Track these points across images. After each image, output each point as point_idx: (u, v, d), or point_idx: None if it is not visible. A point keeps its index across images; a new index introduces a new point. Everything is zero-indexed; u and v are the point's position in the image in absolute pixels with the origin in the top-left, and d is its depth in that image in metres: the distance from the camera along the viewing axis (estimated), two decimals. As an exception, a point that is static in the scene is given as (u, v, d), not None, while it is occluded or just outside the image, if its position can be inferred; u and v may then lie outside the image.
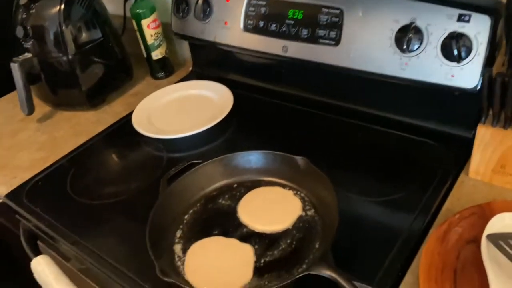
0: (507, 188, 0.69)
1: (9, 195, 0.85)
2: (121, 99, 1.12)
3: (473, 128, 0.76)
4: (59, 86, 1.07)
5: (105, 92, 1.11)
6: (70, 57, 1.02)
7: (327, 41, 0.82)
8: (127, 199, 0.80)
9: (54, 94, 1.09)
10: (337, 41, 0.81)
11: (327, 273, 0.54)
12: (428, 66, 0.73)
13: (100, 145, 0.96)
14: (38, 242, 0.85)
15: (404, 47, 0.73)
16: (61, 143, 0.98)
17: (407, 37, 0.72)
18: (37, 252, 0.81)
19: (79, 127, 1.04)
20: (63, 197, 0.83)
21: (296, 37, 0.86)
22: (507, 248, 0.55)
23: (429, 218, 0.67)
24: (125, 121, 1.01)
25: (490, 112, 0.65)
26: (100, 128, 1.01)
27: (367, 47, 0.78)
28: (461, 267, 0.57)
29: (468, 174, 0.72)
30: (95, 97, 1.09)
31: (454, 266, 0.58)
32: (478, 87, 0.69)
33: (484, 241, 0.57)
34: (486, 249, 0.57)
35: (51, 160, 0.93)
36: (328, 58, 0.83)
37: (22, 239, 0.83)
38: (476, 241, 0.60)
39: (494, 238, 0.57)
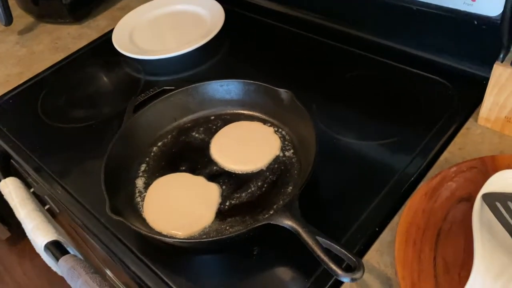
0: (520, 139, 0.59)
1: (-22, 112, 0.80)
2: (107, 13, 1.02)
3: (491, 67, 0.64)
4: (40, -4, 0.98)
5: (89, 4, 1.02)
6: (49, -39, 0.91)
7: (330, -49, 0.69)
8: (96, 124, 0.74)
9: (35, 4, 0.99)
10: (341, -49, 0.68)
11: (288, 223, 0.48)
12: (446, -12, 0.60)
13: (78, 63, 0.89)
14: (12, 161, 0.81)
15: (419, -39, 0.60)
16: (38, 59, 0.91)
17: (423, -52, 0.59)
18: (8, 174, 0.78)
19: (59, 41, 0.96)
20: (33, 118, 0.77)
21: None
22: (503, 211, 0.47)
23: (422, 168, 0.58)
24: (107, 38, 0.92)
25: (511, 49, 0.53)
26: (81, 44, 0.93)
27: (375, -40, 0.65)
28: (447, 229, 0.50)
29: (477, 121, 0.62)
30: (78, 9, 1.00)
31: (439, 226, 0.50)
32: (501, 15, 0.57)
33: (478, 200, 0.49)
34: (479, 210, 0.48)
35: (26, 77, 0.87)
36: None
37: (-7, 158, 0.79)
38: (470, 200, 0.51)
39: (491, 198, 0.48)
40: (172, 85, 0.70)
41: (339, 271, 0.44)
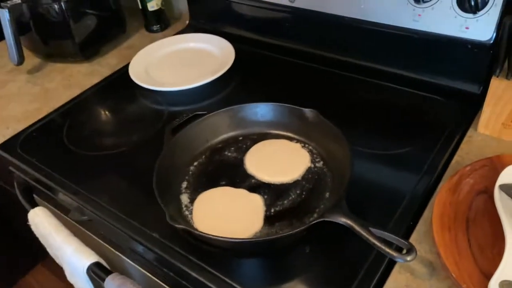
0: (516, 142, 0.69)
1: (2, 146, 0.82)
2: (115, 52, 1.08)
3: (482, 84, 0.76)
4: (51, 36, 1.02)
5: (98, 44, 1.07)
6: (62, 5, 0.96)
7: (337, -9, 0.79)
8: (127, 151, 0.77)
9: (45, 44, 1.03)
10: (347, -9, 0.78)
11: (342, 220, 0.54)
12: (442, 18, 0.71)
13: (96, 97, 0.93)
14: (34, 195, 0.82)
15: (419, -3, 0.71)
16: (54, 95, 0.94)
17: (422, -14, 0.70)
18: (34, 205, 0.79)
19: (72, 79, 0.99)
20: (60, 148, 0.80)
21: (305, -13, 0.83)
22: (519, 197, 0.56)
23: (438, 171, 0.66)
24: (121, 74, 0.97)
25: (505, 65, 0.64)
26: (95, 81, 0.97)
27: (379, -3, 0.75)
28: (473, 217, 0.58)
29: (477, 129, 0.72)
30: (88, 49, 1.04)
31: (466, 215, 0.58)
32: (493, 40, 0.68)
33: (497, 190, 0.57)
34: (499, 198, 0.57)
35: (45, 112, 0.89)
36: (338, 9, 0.80)
37: (17, 191, 0.80)
38: (487, 192, 0.60)
39: (507, 188, 0.57)
40: (205, 109, 0.76)
41: (396, 254, 0.50)
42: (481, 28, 0.68)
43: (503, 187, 0.58)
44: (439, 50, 0.76)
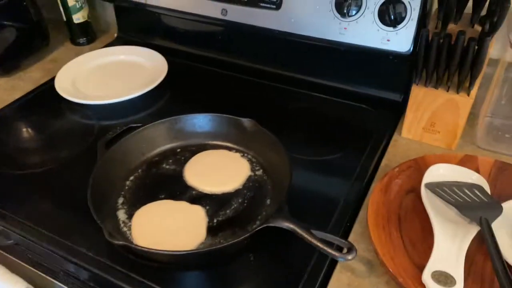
0: (435, 145, 0.75)
1: None
2: (38, 65, 1.02)
3: (403, 92, 0.82)
4: (-37, 49, 0.94)
5: (19, 57, 1.00)
6: (-25, 15, 0.90)
7: (268, 5, 0.82)
8: (56, 168, 0.73)
9: (-44, 58, 0.95)
10: (278, 5, 0.81)
11: (285, 224, 0.55)
12: (366, 31, 0.76)
13: (18, 113, 0.87)
14: None
15: (344, 11, 0.75)
16: (-31, 111, 0.87)
17: (347, 2, 0.74)
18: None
19: (-10, 94, 0.92)
20: (-21, 168, 0.73)
21: (236, 0, 0.84)
22: (442, 193, 0.61)
23: (369, 174, 0.70)
24: (46, 88, 0.92)
25: (423, 74, 0.69)
26: (16, 95, 0.91)
27: (308, 11, 0.79)
28: (404, 214, 0.62)
29: (401, 134, 0.77)
30: (8, 62, 0.98)
31: (398, 213, 0.62)
32: (411, 51, 0.74)
33: (423, 189, 0.62)
34: (426, 196, 0.61)
35: (-41, 129, 0.82)
36: (269, 23, 0.83)
37: None
38: (414, 191, 0.64)
39: (431, 186, 0.62)
40: (138, 122, 0.74)
41: (337, 254, 0.52)
42: (401, 40, 0.74)
43: (428, 185, 0.62)
44: (364, 61, 0.81)
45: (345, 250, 0.53)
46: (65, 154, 0.76)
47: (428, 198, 0.61)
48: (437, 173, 0.64)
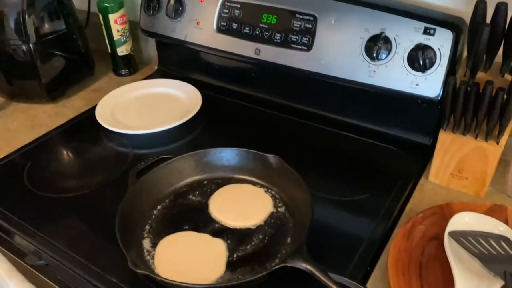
0: (463, 191, 0.74)
1: (-43, 186, 0.79)
2: (82, 94, 1.08)
3: (432, 136, 0.81)
4: (16, 76, 1.02)
5: (65, 85, 1.07)
6: (30, 46, 0.97)
7: (299, 46, 0.85)
8: (90, 193, 0.77)
9: (10, 84, 1.03)
10: (309, 46, 0.84)
11: (303, 265, 0.55)
12: (395, 75, 0.77)
13: (60, 139, 0.92)
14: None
15: (374, 55, 0.77)
16: (16, 135, 0.93)
17: (377, 46, 0.76)
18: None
19: (36, 119, 0.99)
20: (20, 189, 0.78)
21: (269, 41, 0.88)
22: (467, 243, 0.59)
23: (393, 218, 0.70)
24: (87, 116, 0.98)
25: (451, 120, 0.69)
26: (59, 122, 0.97)
27: (338, 54, 0.81)
28: (426, 262, 0.61)
29: (428, 178, 0.76)
30: (55, 90, 1.04)
31: (419, 260, 0.61)
32: (440, 96, 0.74)
33: (446, 237, 0.61)
34: (449, 244, 0.60)
35: (5, 152, 0.87)
36: (300, 63, 0.85)
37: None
38: (438, 238, 0.63)
39: (455, 235, 0.61)
40: (170, 153, 0.77)
41: (353, 299, 0.52)
42: (430, 85, 0.75)
43: (452, 234, 0.61)
44: (392, 103, 0.82)
45: (361, 296, 0.53)
46: (99, 180, 0.80)
47: (451, 247, 0.60)
48: (463, 221, 0.63)
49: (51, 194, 0.77)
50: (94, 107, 0.97)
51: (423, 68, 0.74)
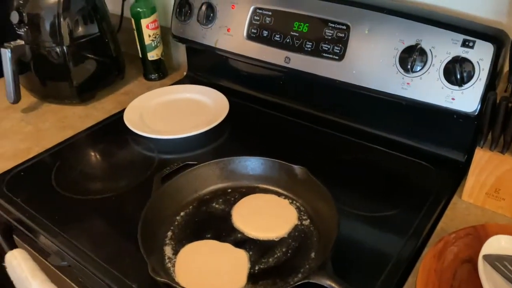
0: (499, 212, 0.70)
1: (-13, 184, 0.81)
2: (112, 97, 1.09)
3: (466, 152, 0.78)
4: (49, 78, 1.04)
5: (95, 88, 1.09)
6: (64, 48, 0.99)
7: (331, 56, 0.83)
8: (114, 197, 0.77)
9: (43, 85, 1.05)
10: (341, 56, 0.82)
11: (327, 282, 0.53)
12: (430, 88, 0.74)
13: (88, 140, 0.93)
14: (14, 236, 0.81)
15: (408, 67, 0.74)
16: (46, 135, 0.95)
17: (411, 57, 0.73)
18: (13, 246, 0.77)
19: (66, 120, 1.00)
20: (47, 189, 0.79)
21: (300, 49, 0.86)
22: (503, 269, 0.56)
23: (423, 236, 0.67)
24: (116, 119, 0.98)
25: (489, 137, 0.66)
26: (89, 124, 0.98)
27: (370, 64, 0.79)
28: (457, 286, 0.57)
29: (461, 197, 0.73)
30: (85, 92, 1.06)
31: (450, 284, 0.58)
32: (477, 112, 0.71)
33: (481, 261, 0.58)
34: (483, 269, 0.57)
35: (35, 152, 0.89)
36: (331, 73, 0.83)
37: (-4, 230, 0.78)
38: (471, 261, 0.60)
39: (491, 259, 0.58)
40: (195, 159, 0.76)
41: (379, 321, 0.49)
42: (467, 100, 0.71)
43: (487, 258, 0.58)
44: (426, 117, 0.79)
45: (388, 318, 0.50)
46: (124, 183, 0.80)
47: (485, 272, 0.57)
48: (498, 245, 0.60)
49: (77, 196, 0.77)
50: (123, 110, 0.98)
51: (460, 82, 0.71)
